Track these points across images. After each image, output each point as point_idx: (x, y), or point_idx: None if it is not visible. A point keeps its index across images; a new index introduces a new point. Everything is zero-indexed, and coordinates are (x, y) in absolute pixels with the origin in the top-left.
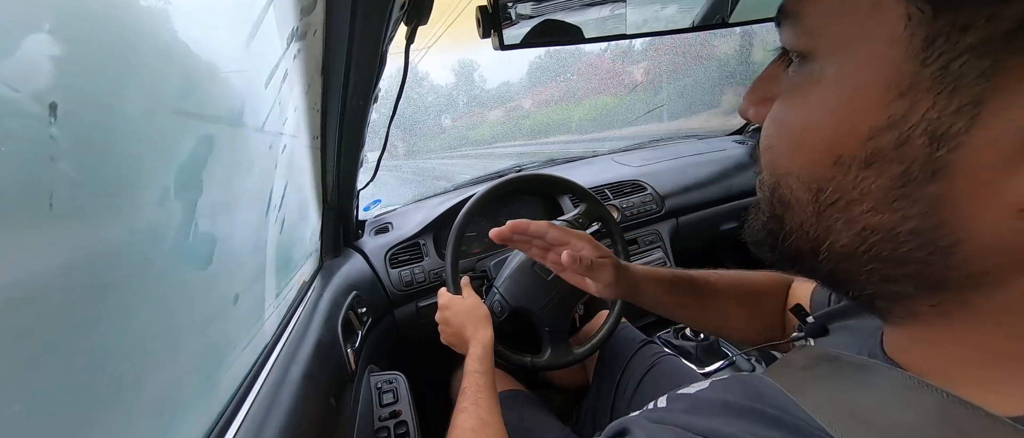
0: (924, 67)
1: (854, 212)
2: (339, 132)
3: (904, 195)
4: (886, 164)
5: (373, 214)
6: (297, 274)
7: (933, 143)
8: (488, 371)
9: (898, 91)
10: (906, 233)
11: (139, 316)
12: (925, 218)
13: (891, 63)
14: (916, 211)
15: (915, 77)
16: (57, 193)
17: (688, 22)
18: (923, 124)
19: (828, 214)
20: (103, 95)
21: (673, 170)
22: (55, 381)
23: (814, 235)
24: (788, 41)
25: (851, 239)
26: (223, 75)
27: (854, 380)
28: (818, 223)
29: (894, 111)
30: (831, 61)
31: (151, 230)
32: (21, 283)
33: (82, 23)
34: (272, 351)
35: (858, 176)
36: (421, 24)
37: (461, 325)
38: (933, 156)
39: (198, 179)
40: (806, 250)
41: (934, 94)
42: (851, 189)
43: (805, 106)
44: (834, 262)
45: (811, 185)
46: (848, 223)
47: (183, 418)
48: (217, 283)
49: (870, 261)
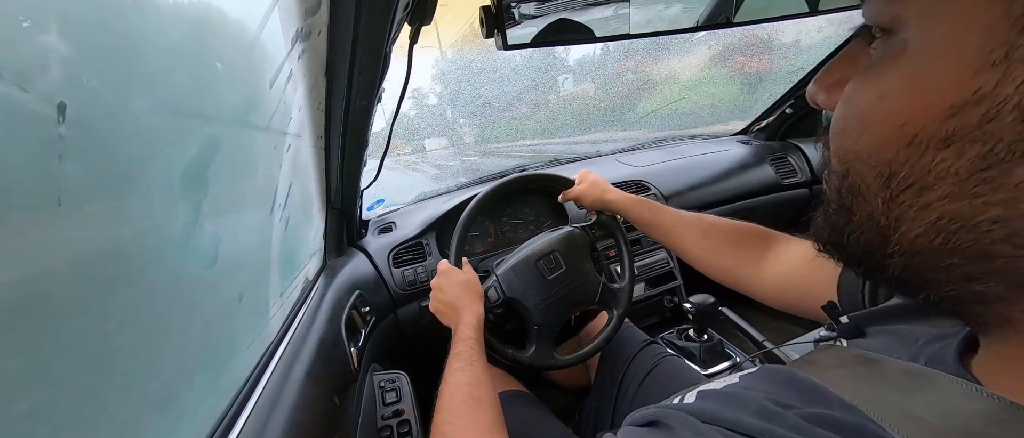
0: (1023, 33)
1: (929, 198)
2: (343, 132)
3: (987, 179)
4: (967, 144)
5: (376, 214)
6: (301, 273)
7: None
8: (480, 340)
9: (990, 60)
10: (989, 222)
11: (146, 314)
12: (1010, 206)
13: (983, 30)
14: (999, 197)
15: (1011, 45)
16: (65, 192)
17: (692, 22)
18: (1016, 97)
19: (900, 200)
20: (111, 96)
21: (677, 170)
22: (63, 377)
23: (884, 224)
24: (871, 13)
25: (926, 229)
26: (229, 76)
27: (902, 383)
28: (889, 211)
29: (982, 83)
30: (918, 32)
31: (158, 229)
32: (30, 280)
33: (89, 24)
34: (276, 349)
35: (934, 158)
36: (425, 24)
37: (455, 296)
38: (1023, 135)
39: (204, 179)
40: (876, 242)
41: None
42: (926, 173)
43: (880, 80)
44: (907, 257)
45: (882, 169)
46: (922, 211)
47: (189, 415)
48: (222, 282)
49: (949, 254)
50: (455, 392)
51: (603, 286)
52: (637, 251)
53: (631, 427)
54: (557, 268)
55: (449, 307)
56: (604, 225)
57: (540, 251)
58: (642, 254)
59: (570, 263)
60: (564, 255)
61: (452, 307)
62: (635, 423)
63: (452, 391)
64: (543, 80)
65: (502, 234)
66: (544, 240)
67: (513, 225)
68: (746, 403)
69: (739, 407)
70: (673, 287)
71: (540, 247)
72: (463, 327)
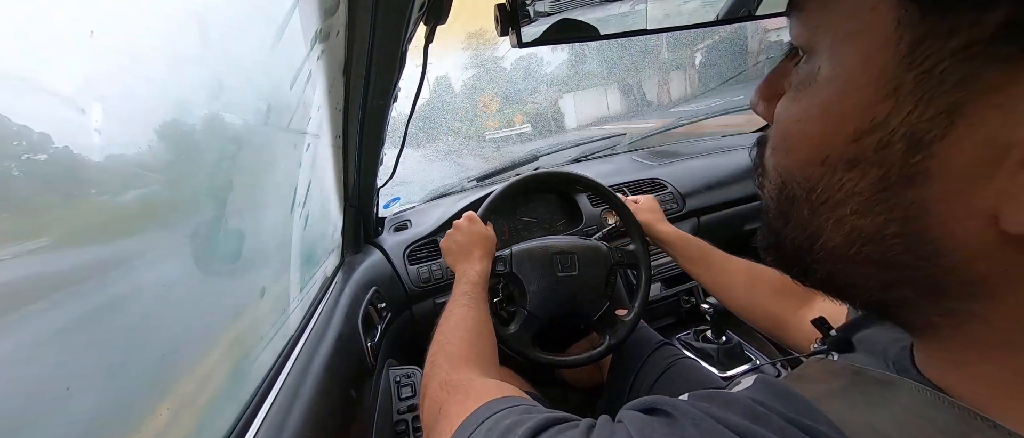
0: (909, 70)
1: (842, 213)
2: (360, 131)
3: (884, 200)
4: (868, 167)
5: (392, 211)
6: (320, 270)
7: (911, 148)
8: (485, 288)
9: (883, 93)
10: (891, 237)
11: (174, 307)
12: (906, 223)
13: (880, 64)
14: (896, 216)
15: (900, 80)
16: (98, 188)
17: (712, 16)
18: (903, 129)
19: (820, 212)
20: (140, 98)
21: (694, 168)
22: (97, 367)
23: (809, 233)
24: (793, 35)
25: (842, 240)
26: (251, 77)
27: (875, 395)
28: (812, 221)
29: (878, 113)
30: (828, 59)
31: (184, 226)
32: (63, 273)
33: (120, 28)
34: (296, 343)
35: (842, 177)
36: (440, 23)
37: (472, 243)
38: (910, 162)
39: (228, 178)
40: (804, 248)
41: (916, 98)
42: (837, 190)
43: (800, 103)
44: (830, 263)
45: (804, 184)
46: (837, 223)
47: (215, 404)
48: (245, 277)
49: (862, 264)
50: (461, 321)
51: (606, 309)
52: (653, 251)
53: (631, 411)
54: (570, 269)
55: (462, 250)
56: (633, 255)
57: (561, 246)
58: (658, 253)
59: (584, 271)
60: (582, 260)
61: (465, 252)
62: (634, 408)
63: (459, 319)
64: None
65: (516, 231)
66: (569, 239)
67: (527, 223)
68: (734, 404)
69: (727, 406)
70: (690, 287)
71: (563, 243)
72: (471, 273)
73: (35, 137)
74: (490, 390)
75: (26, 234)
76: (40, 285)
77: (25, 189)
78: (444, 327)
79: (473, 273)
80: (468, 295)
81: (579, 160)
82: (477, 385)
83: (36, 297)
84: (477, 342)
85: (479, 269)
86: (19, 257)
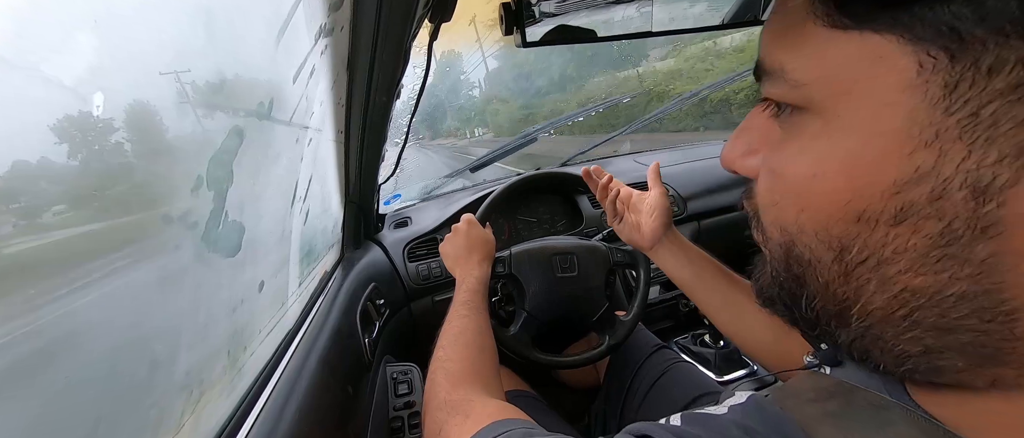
0: (949, 115)
1: (889, 272)
2: (362, 127)
3: (949, 255)
4: (921, 221)
5: (392, 208)
6: (319, 265)
7: (977, 197)
8: (486, 296)
9: (921, 141)
10: (955, 297)
11: (173, 300)
12: (977, 280)
13: (906, 112)
14: (966, 273)
15: (940, 126)
16: (102, 183)
17: (718, 20)
18: (960, 176)
19: (858, 274)
20: (141, 91)
21: (696, 172)
22: (96, 358)
23: (843, 297)
24: (775, 95)
25: (887, 301)
26: (254, 71)
27: (869, 420)
28: (847, 284)
29: (921, 163)
30: (832, 112)
31: (185, 218)
32: (63, 265)
33: (121, 22)
34: (294, 338)
35: (888, 233)
36: (445, 21)
37: (470, 247)
38: (979, 212)
39: (229, 170)
40: (833, 312)
41: (967, 143)
42: (881, 248)
43: (807, 158)
44: (864, 327)
45: (832, 244)
46: (883, 284)
47: (211, 397)
48: (244, 270)
49: (911, 327)
50: (460, 335)
51: (606, 310)
52: None
53: (624, 434)
54: (570, 270)
55: (461, 255)
56: (632, 255)
57: (560, 247)
58: None
59: (583, 271)
60: (581, 261)
61: (465, 257)
62: (626, 432)
63: (457, 333)
64: None
65: (516, 232)
66: (568, 240)
67: (528, 223)
68: (721, 429)
69: (714, 432)
70: None
71: (561, 244)
72: (471, 279)
73: (37, 127)
74: (490, 412)
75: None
76: (36, 278)
77: (24, 180)
78: (443, 341)
79: (472, 280)
80: (468, 305)
81: (579, 161)
82: (477, 406)
83: (32, 289)
84: (476, 357)
85: (478, 275)
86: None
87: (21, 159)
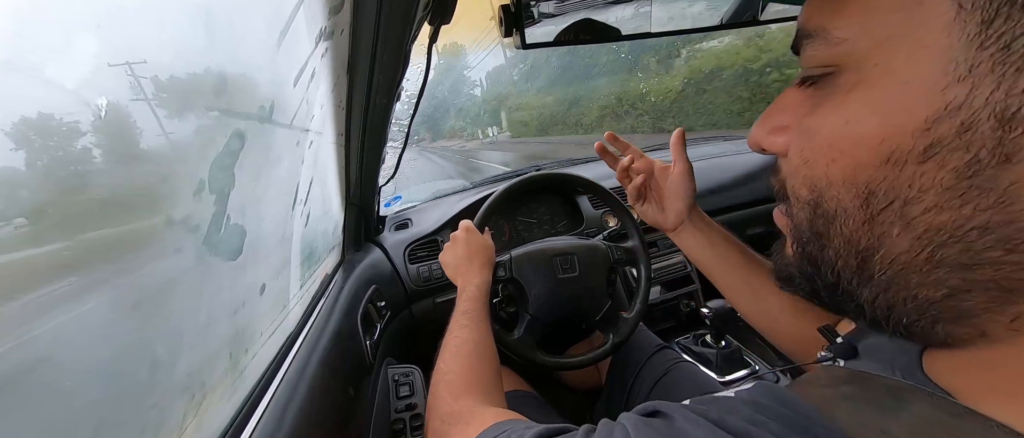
0: (982, 50)
1: (914, 212)
2: (363, 129)
3: (974, 186)
4: (949, 153)
5: (393, 210)
6: (321, 267)
7: (1004, 125)
8: (486, 304)
9: (955, 76)
10: (978, 230)
11: (175, 302)
12: (1000, 209)
13: (943, 50)
14: (990, 201)
15: (973, 61)
16: (102, 186)
17: (717, 20)
18: (989, 107)
19: (882, 219)
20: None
21: (697, 172)
22: (98, 361)
23: (865, 245)
24: (814, 59)
25: (912, 244)
26: (255, 74)
27: (885, 403)
28: (871, 231)
29: (952, 97)
30: (870, 64)
31: (187, 221)
32: (65, 268)
33: (122, 25)
34: (295, 340)
35: (915, 172)
36: (444, 23)
37: (468, 255)
38: (1005, 139)
39: (231, 174)
40: (854, 266)
41: (998, 76)
42: (908, 187)
43: (841, 111)
44: (887, 278)
45: (859, 190)
46: (907, 227)
47: (213, 399)
48: (246, 273)
49: (935, 268)
50: (461, 346)
51: (608, 308)
52: (654, 254)
53: (631, 414)
54: (570, 270)
55: (461, 262)
56: (632, 252)
57: (560, 248)
58: (659, 257)
59: (584, 271)
60: (581, 261)
61: (465, 265)
62: (636, 412)
63: (458, 345)
64: None
65: (516, 233)
66: (568, 240)
67: (528, 224)
68: (734, 407)
69: (726, 410)
70: (690, 291)
71: (561, 245)
72: (472, 287)
73: (39, 131)
74: (490, 417)
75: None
76: (39, 281)
77: (27, 183)
78: (444, 353)
79: (472, 288)
80: (468, 314)
81: (577, 161)
82: (478, 413)
83: (36, 293)
84: (477, 367)
85: (478, 282)
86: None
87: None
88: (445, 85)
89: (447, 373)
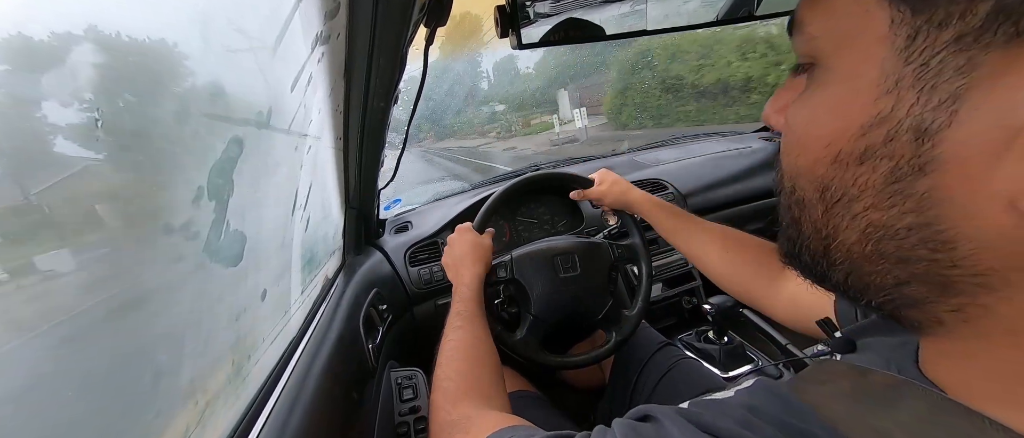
0: (907, 64)
1: (856, 209)
2: (361, 133)
3: (897, 191)
4: (878, 160)
5: (393, 213)
6: (321, 271)
7: (919, 138)
8: (479, 300)
9: (885, 88)
10: (905, 229)
11: (176, 310)
12: (920, 214)
13: (879, 61)
14: (910, 206)
15: (899, 74)
16: (103, 195)
17: (712, 17)
18: (908, 120)
19: (834, 211)
20: (141, 102)
21: (695, 168)
22: (101, 369)
23: (825, 234)
24: (796, 49)
25: (858, 237)
26: (252, 80)
27: (881, 398)
28: (828, 222)
29: (882, 108)
30: (832, 64)
31: (187, 228)
32: (67, 277)
33: (119, 35)
34: (297, 345)
35: (854, 172)
36: (440, 25)
37: (464, 254)
38: (919, 151)
39: (230, 180)
40: (820, 251)
41: (917, 90)
42: (850, 186)
43: (808, 107)
44: (847, 264)
45: (817, 184)
46: (852, 220)
47: (216, 406)
48: (247, 279)
49: (879, 259)
50: (456, 350)
51: (611, 306)
52: (654, 250)
53: (623, 419)
54: (572, 269)
55: (459, 262)
56: (633, 249)
57: (561, 248)
58: (660, 254)
59: (586, 270)
60: (582, 260)
61: (462, 262)
62: (628, 416)
63: (453, 349)
64: None
65: (517, 233)
66: (569, 240)
67: (528, 224)
68: (728, 411)
69: (720, 414)
70: (692, 288)
71: (562, 244)
72: (463, 286)
73: (33, 137)
74: (490, 424)
75: (24, 237)
76: (38, 289)
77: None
78: (441, 359)
79: (463, 287)
80: (462, 315)
81: (577, 160)
82: (477, 420)
83: (36, 302)
84: (474, 370)
85: (468, 280)
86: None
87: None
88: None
89: (443, 380)
